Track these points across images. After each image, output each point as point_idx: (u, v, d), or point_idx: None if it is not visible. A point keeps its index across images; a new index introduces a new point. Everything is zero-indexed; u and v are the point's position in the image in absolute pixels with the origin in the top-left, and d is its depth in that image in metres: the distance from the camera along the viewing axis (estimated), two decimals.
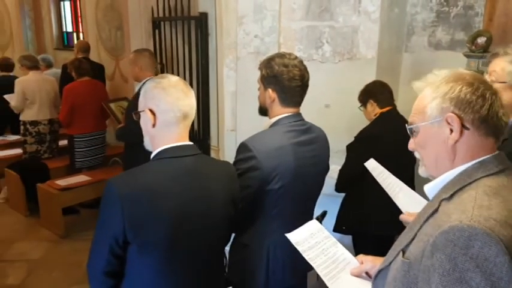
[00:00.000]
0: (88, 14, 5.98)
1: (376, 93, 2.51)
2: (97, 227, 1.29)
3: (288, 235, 1.39)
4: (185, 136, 1.35)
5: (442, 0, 2.96)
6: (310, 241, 1.38)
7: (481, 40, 2.56)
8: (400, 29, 3.08)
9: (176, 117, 1.30)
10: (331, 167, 1.89)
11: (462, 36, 2.89)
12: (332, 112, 2.95)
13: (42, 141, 4.52)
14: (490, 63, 1.61)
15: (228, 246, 1.71)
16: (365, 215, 2.45)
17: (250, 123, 2.16)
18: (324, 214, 2.47)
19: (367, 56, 2.87)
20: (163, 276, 1.30)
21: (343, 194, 2.60)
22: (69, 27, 7.41)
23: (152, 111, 1.30)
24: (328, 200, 2.22)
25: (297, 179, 1.64)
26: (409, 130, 1.04)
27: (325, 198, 2.04)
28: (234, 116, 3.24)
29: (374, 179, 1.91)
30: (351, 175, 2.45)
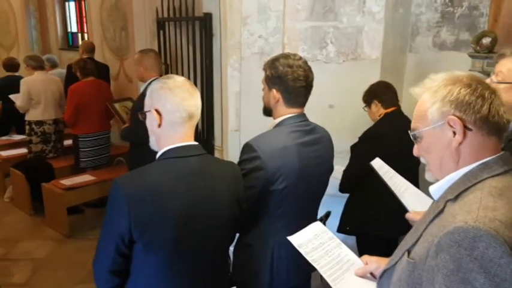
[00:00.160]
0: (93, 14, 6.00)
1: (381, 93, 2.51)
2: (103, 226, 1.30)
3: (290, 238, 1.38)
4: (190, 136, 1.36)
5: (447, 1, 2.95)
6: (314, 242, 1.37)
7: (486, 40, 2.55)
8: (405, 29, 3.07)
9: (182, 118, 1.31)
10: (335, 167, 1.89)
11: (467, 36, 2.88)
12: (336, 112, 2.95)
13: (47, 141, 4.55)
14: (497, 63, 1.61)
15: (232, 247, 1.72)
16: (369, 215, 2.45)
17: (254, 124, 2.16)
18: (327, 215, 2.47)
19: (372, 56, 2.87)
20: (168, 276, 1.31)
21: (347, 194, 2.60)
22: (74, 28, 7.43)
23: (158, 112, 1.31)
24: (332, 200, 2.22)
25: (301, 180, 1.64)
26: (413, 136, 1.04)
27: (329, 199, 2.04)
28: (238, 116, 3.25)
29: (378, 179, 1.91)
30: (355, 176, 2.45)
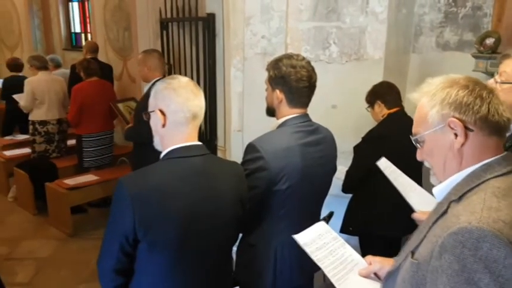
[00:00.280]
0: (96, 14, 6.01)
1: (384, 94, 2.51)
2: (108, 225, 1.30)
3: (295, 236, 1.39)
4: (194, 136, 1.37)
5: (450, 1, 2.94)
6: (318, 242, 1.38)
7: (490, 41, 2.55)
8: (408, 29, 3.07)
9: (186, 118, 1.32)
10: (338, 167, 1.89)
11: (470, 37, 2.87)
12: (339, 113, 2.95)
13: (50, 140, 4.56)
14: (501, 64, 1.60)
15: (235, 247, 1.72)
16: (372, 215, 2.45)
17: (256, 124, 2.17)
18: (330, 215, 2.47)
19: (375, 56, 2.87)
20: (172, 275, 1.31)
21: (350, 194, 2.60)
22: (77, 28, 7.46)
23: (162, 112, 1.32)
24: (335, 200, 2.22)
25: (305, 180, 1.65)
26: (415, 141, 1.05)
27: (332, 199, 2.04)
28: (241, 116, 3.25)
29: (381, 180, 1.91)
30: (358, 176, 2.45)
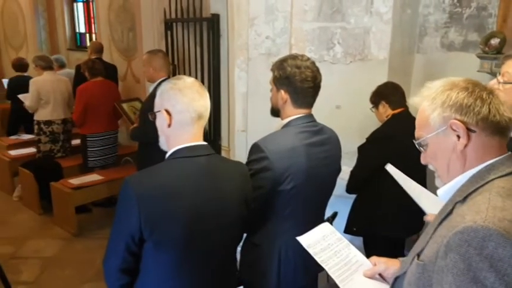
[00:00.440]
0: (101, 15, 6.04)
1: (388, 94, 2.50)
2: (113, 225, 1.31)
3: (299, 238, 1.39)
4: (199, 136, 1.38)
5: (455, 1, 2.94)
6: (322, 243, 1.38)
7: (495, 41, 2.54)
8: (413, 30, 3.07)
9: (191, 118, 1.32)
10: (343, 168, 1.90)
11: (475, 37, 2.86)
12: (343, 113, 2.95)
13: (55, 140, 4.59)
14: (503, 64, 1.61)
15: (239, 246, 1.73)
16: (376, 216, 2.45)
17: (260, 124, 2.17)
18: (334, 215, 2.47)
19: (379, 57, 2.87)
20: (177, 274, 1.32)
21: (354, 195, 2.60)
22: (82, 28, 7.48)
23: (168, 112, 1.33)
24: (339, 201, 2.22)
25: (309, 180, 1.65)
26: (418, 145, 1.05)
27: (336, 199, 2.04)
28: (245, 116, 3.25)
29: (386, 180, 1.91)
30: (362, 176, 2.45)
